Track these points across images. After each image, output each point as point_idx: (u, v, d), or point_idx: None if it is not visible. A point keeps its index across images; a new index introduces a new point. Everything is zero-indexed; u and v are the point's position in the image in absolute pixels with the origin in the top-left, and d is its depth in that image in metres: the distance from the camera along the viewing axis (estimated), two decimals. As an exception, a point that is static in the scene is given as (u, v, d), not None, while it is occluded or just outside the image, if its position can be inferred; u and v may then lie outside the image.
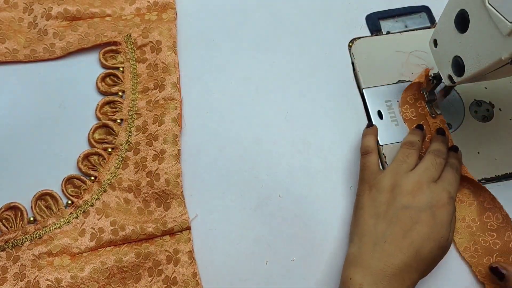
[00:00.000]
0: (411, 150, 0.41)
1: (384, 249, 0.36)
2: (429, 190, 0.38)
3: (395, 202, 0.37)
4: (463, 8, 0.35)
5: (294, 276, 0.41)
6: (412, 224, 0.36)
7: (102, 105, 0.46)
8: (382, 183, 0.39)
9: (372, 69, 0.49)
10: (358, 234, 0.38)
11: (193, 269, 0.40)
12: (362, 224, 0.38)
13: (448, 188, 0.38)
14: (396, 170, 0.40)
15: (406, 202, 0.37)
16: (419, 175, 0.39)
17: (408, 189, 0.38)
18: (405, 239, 0.36)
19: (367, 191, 0.40)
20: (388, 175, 0.40)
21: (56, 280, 0.38)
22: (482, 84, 0.48)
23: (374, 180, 0.40)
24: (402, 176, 0.39)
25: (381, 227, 0.37)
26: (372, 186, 0.40)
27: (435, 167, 0.40)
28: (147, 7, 0.50)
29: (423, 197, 0.37)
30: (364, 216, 0.39)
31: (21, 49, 0.47)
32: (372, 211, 0.38)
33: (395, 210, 0.37)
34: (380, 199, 0.38)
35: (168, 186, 0.41)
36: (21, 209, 0.41)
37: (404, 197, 0.37)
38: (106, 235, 0.40)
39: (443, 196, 0.38)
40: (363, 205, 0.39)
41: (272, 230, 0.42)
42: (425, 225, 0.36)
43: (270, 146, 0.46)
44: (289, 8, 0.52)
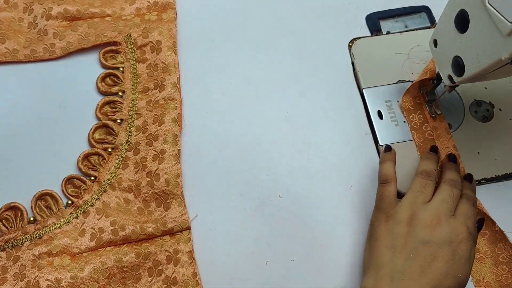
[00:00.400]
0: (428, 181, 0.40)
1: (402, 285, 0.35)
2: (448, 225, 0.36)
3: (413, 235, 0.36)
4: (463, 8, 0.35)
5: (294, 276, 0.41)
6: (432, 261, 0.35)
7: (102, 105, 0.46)
8: (400, 215, 0.38)
9: (372, 69, 0.49)
10: (374, 266, 0.37)
11: (193, 269, 0.40)
12: (379, 256, 0.37)
13: (467, 222, 0.37)
14: (413, 201, 0.38)
15: (425, 236, 0.36)
16: (437, 207, 0.37)
17: (427, 222, 0.37)
18: (424, 276, 0.35)
19: (383, 221, 0.39)
20: (405, 206, 0.38)
21: (56, 280, 0.38)
22: (482, 84, 0.48)
23: (391, 211, 0.39)
24: (420, 208, 0.38)
25: (399, 261, 0.36)
26: (389, 217, 0.38)
27: (452, 199, 0.38)
28: (147, 7, 0.50)
29: (442, 232, 0.36)
30: (381, 247, 0.37)
31: (21, 49, 0.47)
32: (389, 243, 0.37)
33: (414, 244, 0.36)
34: (398, 231, 0.37)
35: (168, 186, 0.41)
36: (21, 209, 0.41)
37: (422, 230, 0.36)
38: (106, 235, 0.40)
39: (462, 231, 0.36)
40: (379, 236, 0.38)
41: (272, 230, 0.42)
42: (445, 262, 0.35)
43: (270, 146, 0.46)
44: (289, 8, 0.52)
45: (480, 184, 0.45)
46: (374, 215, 0.40)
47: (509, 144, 0.46)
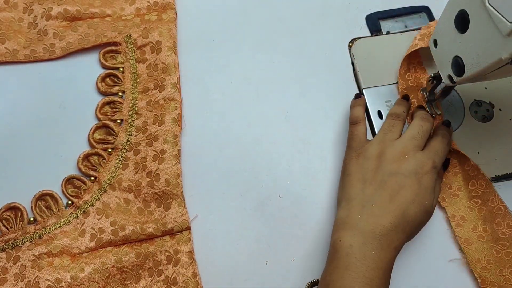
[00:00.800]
0: (396, 121, 0.43)
1: (372, 212, 0.37)
2: (414, 158, 0.39)
3: (382, 168, 0.39)
4: (463, 8, 0.35)
5: (294, 276, 0.41)
6: (399, 189, 0.38)
7: (102, 105, 0.46)
8: (369, 151, 0.41)
9: (372, 69, 0.49)
10: (346, 199, 0.39)
11: (193, 269, 0.40)
12: (350, 189, 0.40)
13: (433, 157, 0.40)
14: (382, 139, 0.41)
15: (392, 168, 0.39)
16: (405, 144, 0.40)
17: (394, 157, 0.39)
18: (392, 203, 0.37)
19: (354, 158, 0.41)
20: (375, 143, 0.41)
21: (56, 281, 0.38)
22: (482, 84, 0.48)
23: (362, 149, 0.41)
24: (388, 145, 0.40)
25: (369, 191, 0.38)
26: (359, 154, 0.41)
27: (421, 135, 0.41)
28: (147, 7, 0.50)
29: (408, 165, 0.39)
30: (352, 181, 0.40)
31: (21, 49, 0.47)
32: (360, 176, 0.40)
33: (382, 175, 0.39)
34: (367, 165, 0.40)
35: (168, 187, 0.41)
36: (21, 209, 0.41)
37: (390, 164, 0.39)
38: (106, 236, 0.40)
39: (427, 164, 0.39)
40: (350, 171, 0.41)
41: (272, 230, 0.42)
42: (410, 190, 0.38)
43: (270, 146, 0.46)
44: (289, 8, 0.52)
45: (480, 184, 0.45)
46: (346, 154, 0.43)
47: (509, 144, 0.46)
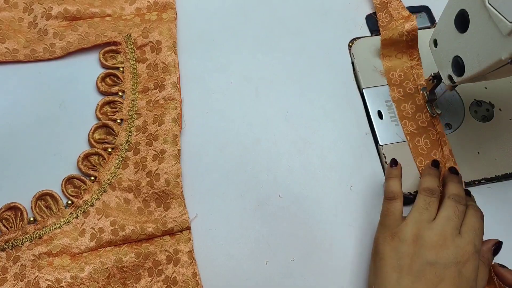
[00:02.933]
0: (432, 198, 0.39)
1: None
2: (454, 245, 0.36)
3: (419, 256, 0.36)
4: (463, 8, 0.35)
5: (294, 276, 0.41)
6: (438, 282, 0.35)
7: (102, 105, 0.46)
8: (405, 233, 0.37)
9: (372, 69, 0.49)
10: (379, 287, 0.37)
11: (193, 269, 0.40)
12: (384, 278, 0.36)
13: (473, 240, 0.37)
14: (418, 219, 0.38)
15: (431, 257, 0.36)
16: (443, 226, 0.37)
17: (433, 242, 0.36)
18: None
19: (388, 239, 0.38)
20: (410, 224, 0.38)
21: (56, 280, 0.38)
22: (482, 84, 0.48)
23: (396, 229, 0.38)
24: (425, 227, 0.37)
25: (405, 283, 0.35)
26: (394, 235, 0.38)
27: (457, 216, 0.38)
28: (147, 7, 0.50)
29: (448, 253, 0.36)
30: (386, 268, 0.37)
31: (21, 49, 0.47)
32: (395, 263, 0.37)
33: (420, 265, 0.36)
34: (403, 250, 0.37)
35: (168, 186, 0.41)
36: (21, 209, 0.41)
37: (428, 251, 0.36)
38: (106, 235, 0.40)
39: (468, 250, 0.36)
40: (384, 255, 0.37)
41: (272, 230, 0.42)
42: (451, 283, 0.35)
43: (270, 146, 0.46)
44: (289, 8, 0.52)
45: (480, 184, 0.45)
46: (378, 231, 0.40)
47: (509, 144, 0.46)
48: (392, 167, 0.42)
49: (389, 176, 0.42)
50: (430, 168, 0.42)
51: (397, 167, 0.42)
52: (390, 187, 0.41)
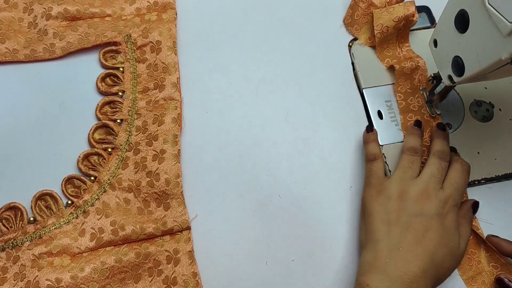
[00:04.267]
0: (415, 157, 0.41)
1: (400, 256, 0.36)
2: (436, 198, 0.38)
3: (405, 209, 0.38)
4: (463, 8, 0.35)
5: (294, 276, 0.41)
6: (425, 231, 0.37)
7: (102, 105, 0.46)
8: (390, 190, 0.40)
9: (372, 69, 0.49)
10: (371, 240, 0.38)
11: (193, 269, 0.40)
12: (374, 231, 0.38)
13: (453, 194, 0.39)
14: (402, 177, 0.40)
15: (416, 209, 0.38)
16: (426, 182, 0.39)
17: (417, 197, 0.38)
18: (420, 246, 0.36)
19: (374, 196, 0.40)
20: (395, 182, 0.40)
21: (56, 280, 0.38)
22: (482, 84, 0.48)
23: (381, 186, 0.40)
24: (409, 184, 0.40)
25: (394, 234, 0.37)
26: (379, 192, 0.40)
27: (440, 172, 0.40)
28: (147, 7, 0.50)
29: (431, 205, 0.38)
30: (375, 223, 0.39)
31: (21, 49, 0.47)
32: (383, 217, 0.39)
33: (407, 217, 0.38)
34: (390, 206, 0.39)
35: (168, 186, 0.41)
36: (21, 209, 0.41)
37: (413, 205, 0.38)
38: (106, 235, 0.40)
39: (449, 203, 0.39)
40: (372, 211, 0.40)
41: (272, 230, 0.42)
42: (436, 232, 0.37)
43: (270, 146, 0.46)
44: (289, 8, 0.52)
45: (480, 184, 0.45)
46: (365, 191, 0.42)
47: (509, 144, 0.46)
48: (368, 132, 0.45)
49: (367, 140, 0.44)
50: (413, 128, 0.44)
51: (373, 132, 0.45)
52: (370, 149, 0.43)
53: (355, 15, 0.49)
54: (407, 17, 0.46)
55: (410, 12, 0.46)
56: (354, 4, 0.49)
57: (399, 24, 0.46)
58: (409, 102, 0.47)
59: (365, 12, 0.49)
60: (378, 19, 0.47)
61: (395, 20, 0.46)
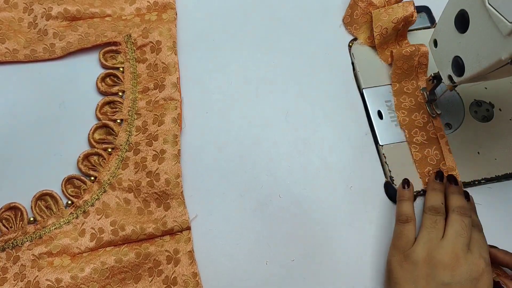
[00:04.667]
0: (437, 216, 0.39)
1: None
2: (466, 262, 0.36)
3: (434, 277, 0.36)
4: (463, 8, 0.35)
5: (294, 276, 0.41)
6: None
7: (102, 105, 0.46)
8: (416, 255, 0.37)
9: (372, 69, 0.49)
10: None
11: (193, 269, 0.40)
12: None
13: (482, 253, 0.37)
14: (427, 238, 0.38)
15: (445, 278, 0.36)
16: (453, 243, 0.37)
17: (445, 262, 0.36)
18: None
19: (401, 261, 0.38)
20: (421, 245, 0.38)
21: (56, 280, 0.38)
22: (482, 84, 0.48)
23: (408, 251, 0.38)
24: (436, 246, 0.37)
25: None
26: (406, 257, 0.38)
27: (465, 230, 0.38)
28: (147, 7, 0.50)
29: (462, 271, 0.36)
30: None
31: (21, 49, 0.47)
32: (411, 286, 0.36)
33: (436, 286, 0.36)
34: (417, 273, 0.37)
35: (168, 186, 0.41)
36: (21, 209, 0.41)
37: (442, 272, 0.36)
38: (106, 235, 0.40)
39: (480, 264, 0.36)
40: (399, 279, 0.37)
41: (272, 230, 0.42)
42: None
43: (270, 146, 0.46)
44: (289, 8, 0.52)
45: (480, 184, 0.45)
46: (391, 254, 0.39)
47: (509, 144, 0.46)
48: (404, 189, 0.42)
49: (402, 198, 0.42)
50: (435, 183, 0.42)
51: (410, 188, 0.42)
52: (404, 210, 0.41)
53: (354, 15, 0.49)
54: (406, 18, 0.46)
55: (409, 12, 0.46)
56: (354, 3, 0.49)
57: (398, 25, 0.46)
58: (403, 85, 0.47)
59: (364, 11, 0.48)
60: (377, 21, 0.47)
61: (394, 22, 0.46)
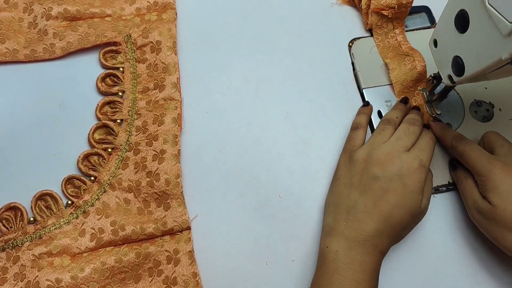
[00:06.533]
0: (387, 126, 0.42)
1: (356, 218, 0.37)
2: (399, 160, 0.39)
3: (367, 172, 0.39)
4: (463, 8, 0.35)
5: (294, 276, 0.41)
6: (382, 194, 0.38)
7: (102, 105, 0.46)
8: (357, 154, 0.41)
9: (372, 69, 0.49)
10: (333, 204, 0.40)
11: (193, 269, 0.40)
12: (337, 194, 0.40)
13: (419, 155, 0.39)
14: (371, 141, 0.41)
15: (376, 172, 0.39)
16: (391, 145, 0.40)
17: (380, 159, 0.39)
18: (375, 208, 0.37)
19: (345, 161, 0.42)
20: (364, 147, 0.41)
21: (56, 281, 0.38)
22: (482, 84, 0.48)
23: (353, 152, 0.42)
24: (376, 148, 0.40)
25: (353, 197, 0.39)
26: (350, 157, 0.41)
27: (407, 136, 0.41)
28: (147, 7, 0.50)
29: (392, 167, 0.38)
30: (340, 186, 0.40)
31: (21, 49, 0.47)
32: (347, 181, 0.40)
33: (367, 180, 0.39)
34: (355, 169, 0.40)
35: (168, 186, 0.41)
36: (21, 209, 0.41)
37: (375, 167, 0.39)
38: (106, 235, 0.40)
39: (413, 164, 0.38)
40: (339, 175, 0.41)
41: (272, 230, 0.42)
42: (395, 194, 0.37)
43: (270, 146, 0.46)
44: (289, 8, 0.52)
45: (480, 184, 0.45)
46: (340, 157, 0.43)
47: (509, 144, 0.46)
48: (363, 107, 0.47)
49: (359, 112, 0.46)
50: (398, 104, 0.45)
51: (368, 107, 0.46)
52: (357, 119, 0.45)
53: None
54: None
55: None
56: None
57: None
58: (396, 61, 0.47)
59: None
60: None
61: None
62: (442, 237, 0.43)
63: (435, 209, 0.44)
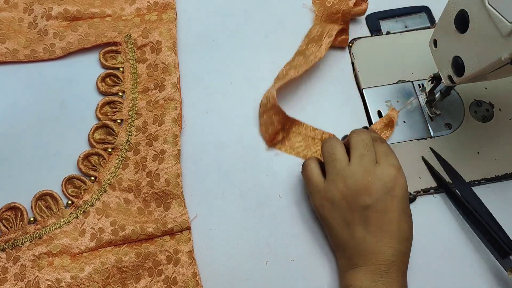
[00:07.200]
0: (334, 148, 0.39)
1: (370, 250, 0.36)
2: (377, 177, 0.37)
3: (355, 205, 0.37)
4: (463, 8, 0.35)
5: (294, 276, 0.41)
6: (384, 215, 0.37)
7: (102, 105, 0.46)
8: (332, 193, 0.38)
9: (372, 69, 0.49)
10: (340, 249, 0.39)
11: (193, 269, 0.40)
12: (339, 238, 0.39)
13: (389, 161, 0.38)
14: (335, 173, 0.38)
15: (365, 201, 0.37)
16: (359, 165, 0.38)
17: (359, 187, 0.37)
18: (384, 233, 0.36)
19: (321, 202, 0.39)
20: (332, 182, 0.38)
21: (56, 280, 0.38)
22: (482, 84, 0.48)
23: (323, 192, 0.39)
24: (347, 176, 0.38)
25: (358, 234, 0.37)
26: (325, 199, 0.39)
27: (367, 148, 0.38)
28: (147, 7, 0.50)
29: (376, 187, 0.37)
30: (336, 229, 0.39)
31: (21, 49, 0.47)
32: (340, 221, 0.38)
33: (361, 213, 0.37)
34: (340, 208, 0.38)
35: (168, 186, 0.41)
36: (21, 209, 0.41)
37: (360, 198, 0.37)
38: (106, 235, 0.40)
39: (391, 172, 0.37)
40: (329, 220, 0.39)
41: (272, 230, 0.42)
42: (393, 210, 0.37)
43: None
44: (289, 8, 0.52)
45: (480, 184, 0.45)
46: (311, 200, 0.41)
47: (509, 144, 0.46)
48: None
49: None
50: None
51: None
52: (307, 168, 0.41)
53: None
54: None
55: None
56: None
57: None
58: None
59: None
60: None
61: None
62: (442, 237, 0.43)
63: (435, 209, 0.44)
